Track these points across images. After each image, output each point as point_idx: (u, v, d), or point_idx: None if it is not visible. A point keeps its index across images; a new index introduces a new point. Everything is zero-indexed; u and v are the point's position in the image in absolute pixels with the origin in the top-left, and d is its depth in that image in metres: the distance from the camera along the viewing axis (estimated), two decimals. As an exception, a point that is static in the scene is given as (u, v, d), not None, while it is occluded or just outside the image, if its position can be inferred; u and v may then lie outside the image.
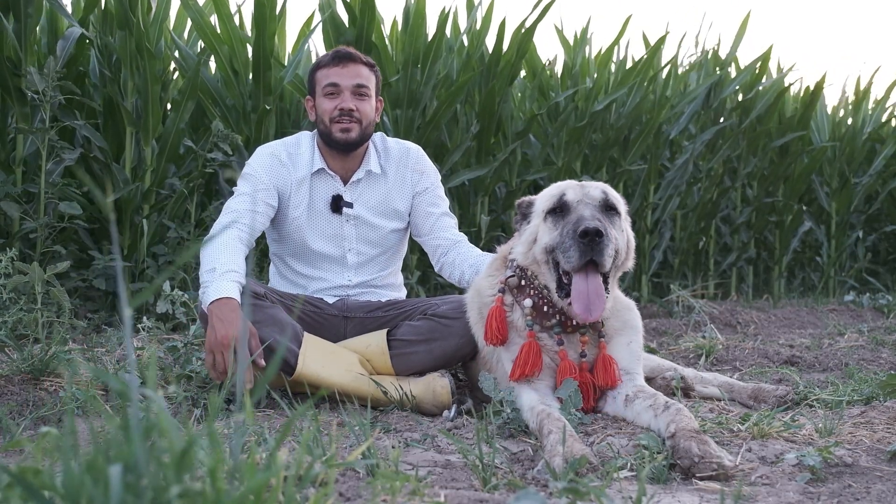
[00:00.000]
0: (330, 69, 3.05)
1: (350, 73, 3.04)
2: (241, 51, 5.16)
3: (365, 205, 3.12)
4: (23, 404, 2.59)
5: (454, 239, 3.18)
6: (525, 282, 2.54)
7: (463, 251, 3.13)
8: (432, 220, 3.19)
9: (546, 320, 2.50)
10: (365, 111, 3.04)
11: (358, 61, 3.07)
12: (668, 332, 4.90)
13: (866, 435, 2.22)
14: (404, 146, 3.22)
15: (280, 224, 3.12)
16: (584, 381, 2.45)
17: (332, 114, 3.02)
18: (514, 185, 6.28)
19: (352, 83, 3.03)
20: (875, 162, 8.62)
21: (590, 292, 2.35)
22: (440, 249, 3.18)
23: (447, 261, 3.16)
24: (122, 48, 4.61)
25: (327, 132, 3.04)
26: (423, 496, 1.56)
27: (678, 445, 1.92)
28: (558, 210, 2.45)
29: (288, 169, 3.07)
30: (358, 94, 3.04)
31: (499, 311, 2.54)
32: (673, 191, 7.11)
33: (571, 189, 2.47)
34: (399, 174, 3.17)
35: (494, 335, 2.53)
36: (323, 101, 3.05)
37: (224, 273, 2.68)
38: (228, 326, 2.56)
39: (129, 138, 4.75)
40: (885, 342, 4.44)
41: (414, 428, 2.44)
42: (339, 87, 3.03)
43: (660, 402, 2.21)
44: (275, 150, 3.11)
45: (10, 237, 4.26)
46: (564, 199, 2.44)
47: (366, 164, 3.12)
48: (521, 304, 2.53)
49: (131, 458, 0.94)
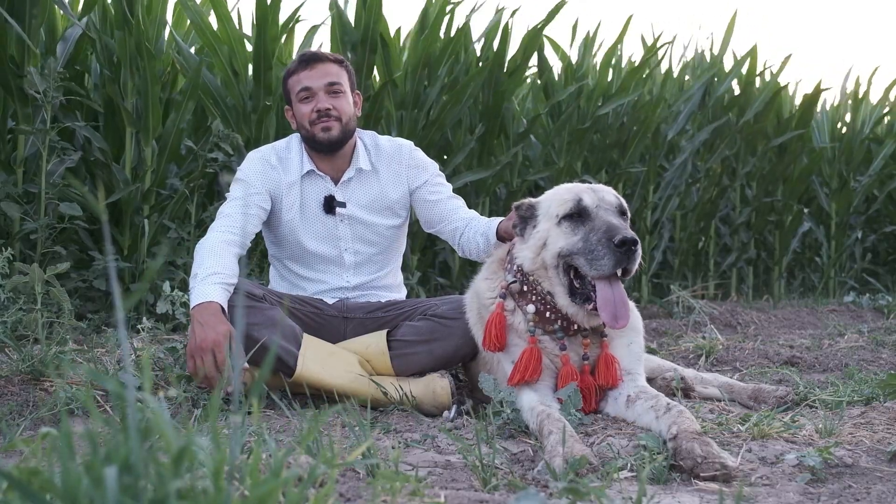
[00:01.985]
0: (300, 74, 3.05)
1: (319, 73, 3.04)
2: (241, 51, 5.16)
3: (358, 203, 3.11)
4: (23, 405, 2.58)
5: (467, 218, 3.16)
6: (527, 287, 2.54)
7: (474, 225, 3.11)
8: (440, 207, 3.18)
9: (548, 325, 2.50)
10: (342, 108, 3.03)
11: (325, 60, 3.06)
12: (669, 332, 4.90)
13: (866, 435, 2.22)
14: (396, 143, 3.21)
15: (275, 227, 3.12)
16: (585, 384, 2.46)
17: (311, 116, 3.02)
18: (514, 185, 6.28)
19: (323, 83, 3.03)
20: (874, 162, 8.62)
21: (616, 300, 2.36)
22: (457, 232, 3.16)
23: (464, 240, 3.14)
24: (122, 48, 4.61)
25: (310, 136, 3.04)
26: (424, 496, 1.56)
27: (680, 447, 1.92)
28: (576, 215, 2.44)
29: (278, 172, 3.07)
30: (332, 93, 3.03)
31: (499, 317, 2.54)
32: (672, 191, 7.12)
33: (586, 193, 2.47)
34: (392, 170, 3.16)
35: (493, 342, 2.54)
36: (299, 106, 3.05)
37: (206, 277, 2.69)
38: (208, 330, 2.56)
39: (130, 139, 4.75)
40: (885, 343, 4.43)
41: (414, 428, 2.44)
42: (311, 89, 3.03)
43: (661, 404, 2.21)
44: (265, 155, 3.12)
45: (10, 237, 4.25)
46: (583, 205, 2.44)
47: (355, 162, 3.12)
48: (524, 310, 2.52)
49: (128, 458, 0.94)
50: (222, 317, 2.61)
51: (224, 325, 2.58)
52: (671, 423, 2.04)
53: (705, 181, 7.44)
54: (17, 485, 0.92)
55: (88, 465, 0.94)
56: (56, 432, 1.13)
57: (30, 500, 0.92)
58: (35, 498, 0.92)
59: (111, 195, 4.60)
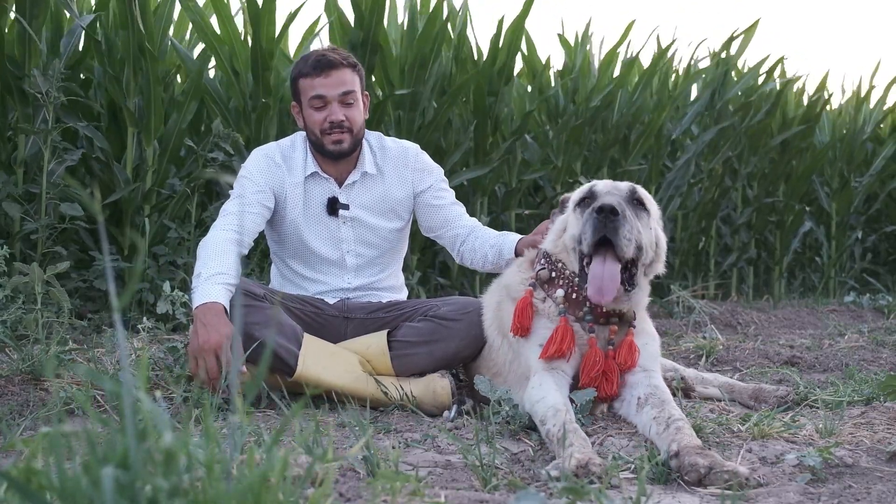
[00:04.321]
0: (314, 79, 2.98)
1: (334, 81, 2.97)
2: (242, 51, 5.15)
3: (362, 206, 3.10)
4: (23, 405, 2.59)
5: (470, 226, 3.17)
6: (555, 273, 2.57)
7: (481, 235, 3.11)
8: (442, 212, 3.17)
9: (578, 309, 2.52)
10: (354, 118, 2.99)
11: (341, 66, 2.99)
12: (669, 332, 4.90)
13: (867, 435, 2.22)
14: (402, 146, 3.20)
15: (278, 225, 3.11)
16: (609, 368, 2.47)
17: (322, 126, 2.98)
18: (513, 184, 6.28)
19: (338, 93, 2.97)
20: (875, 162, 8.62)
21: (604, 276, 2.39)
22: (458, 239, 3.16)
23: (466, 248, 3.14)
24: (125, 48, 4.61)
25: (319, 143, 3.02)
26: (424, 496, 1.56)
27: (683, 462, 1.89)
28: (587, 199, 2.51)
29: (283, 170, 3.06)
30: (345, 103, 2.98)
31: (526, 301, 2.57)
32: (674, 191, 7.11)
33: (602, 182, 2.58)
34: (397, 173, 3.15)
35: (516, 327, 2.56)
36: (311, 112, 3.00)
37: (210, 277, 2.68)
38: (211, 331, 2.56)
39: (131, 139, 4.75)
40: (885, 343, 4.43)
41: (414, 428, 2.44)
42: (325, 98, 2.97)
43: (663, 417, 2.18)
44: (269, 152, 3.10)
45: (10, 237, 4.26)
46: (594, 190, 2.52)
47: (360, 165, 3.10)
48: (553, 296, 2.54)
49: (125, 458, 0.94)
50: (225, 318, 2.61)
51: (227, 326, 2.58)
52: (671, 441, 2.01)
53: (707, 181, 7.43)
54: (15, 485, 0.92)
55: (86, 465, 0.94)
56: (56, 432, 1.13)
57: (29, 499, 0.92)
58: (34, 498, 0.92)
59: (112, 195, 4.60)
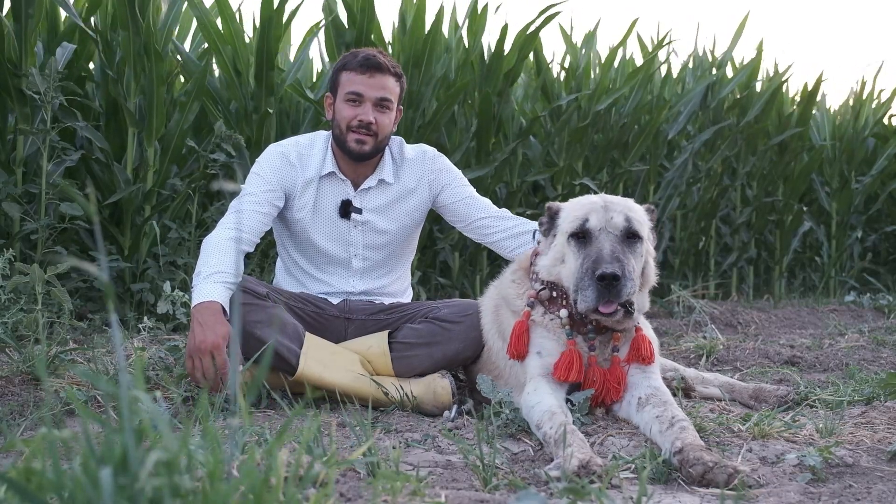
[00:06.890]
0: (356, 75, 2.96)
1: (376, 84, 2.96)
2: (244, 51, 5.15)
3: (375, 212, 3.08)
4: (23, 405, 2.59)
5: (499, 216, 3.16)
6: (556, 293, 2.56)
7: (508, 225, 3.12)
8: (467, 203, 3.15)
9: (582, 328, 2.53)
10: (383, 125, 2.98)
11: (386, 72, 2.98)
12: (669, 332, 4.90)
13: (867, 435, 2.22)
14: (421, 150, 3.18)
15: (287, 220, 3.09)
16: (615, 375, 2.48)
17: (351, 122, 2.95)
18: (514, 185, 6.27)
19: (375, 96, 2.96)
20: (876, 162, 8.61)
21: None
22: (489, 228, 3.14)
23: (496, 239, 3.14)
24: (126, 48, 4.61)
25: (342, 138, 2.99)
26: (424, 496, 1.56)
27: (687, 457, 1.90)
28: (581, 236, 2.46)
29: (296, 169, 3.03)
30: (379, 108, 2.97)
31: (523, 326, 2.57)
32: (672, 191, 7.11)
33: (595, 214, 2.46)
34: (415, 177, 3.12)
35: (513, 352, 2.57)
36: (343, 106, 2.98)
37: (209, 275, 2.67)
38: (207, 331, 2.55)
39: (132, 139, 4.75)
40: (885, 342, 4.43)
41: (415, 428, 2.44)
42: (361, 97, 2.96)
43: (666, 416, 2.18)
44: (285, 150, 3.06)
45: (10, 238, 4.26)
46: (587, 227, 2.45)
47: (379, 172, 3.07)
48: (558, 315, 2.54)
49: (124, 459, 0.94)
50: (222, 318, 2.61)
51: (224, 326, 2.58)
52: (674, 439, 2.01)
53: (706, 181, 7.43)
54: (14, 486, 0.92)
55: (85, 466, 0.94)
56: (56, 433, 1.13)
57: (28, 500, 0.92)
58: (33, 498, 0.92)
59: (112, 195, 4.60)
